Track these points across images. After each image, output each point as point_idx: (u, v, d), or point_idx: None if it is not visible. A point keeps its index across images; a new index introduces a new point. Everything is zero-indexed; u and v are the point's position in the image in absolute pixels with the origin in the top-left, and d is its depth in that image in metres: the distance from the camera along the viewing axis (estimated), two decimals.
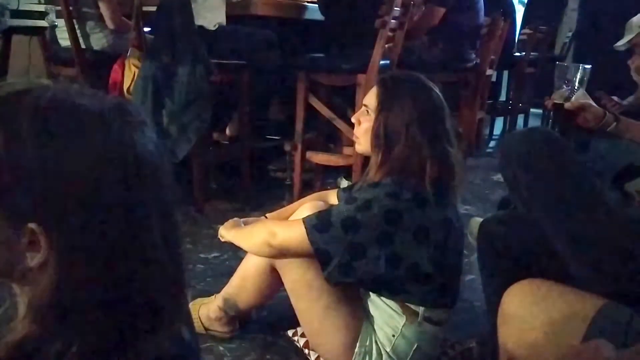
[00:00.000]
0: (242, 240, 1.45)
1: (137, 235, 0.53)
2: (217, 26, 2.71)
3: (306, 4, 3.22)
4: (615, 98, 2.66)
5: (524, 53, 4.77)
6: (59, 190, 0.50)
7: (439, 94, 1.37)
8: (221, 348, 1.57)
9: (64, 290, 0.51)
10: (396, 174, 1.31)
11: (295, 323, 1.48)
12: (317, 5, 3.08)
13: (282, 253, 1.34)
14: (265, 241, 1.33)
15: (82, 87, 0.56)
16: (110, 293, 0.52)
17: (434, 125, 1.32)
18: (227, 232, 1.51)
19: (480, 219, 1.64)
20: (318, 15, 3.08)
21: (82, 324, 0.52)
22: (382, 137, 1.33)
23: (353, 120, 1.47)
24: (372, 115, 1.37)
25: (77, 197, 0.51)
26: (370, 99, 1.39)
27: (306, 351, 1.52)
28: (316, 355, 1.48)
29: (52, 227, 0.51)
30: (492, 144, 4.89)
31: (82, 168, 0.51)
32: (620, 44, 2.80)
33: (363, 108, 1.42)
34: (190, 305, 1.64)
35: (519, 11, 5.43)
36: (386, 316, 1.33)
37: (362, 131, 1.41)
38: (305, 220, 1.29)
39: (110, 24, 2.71)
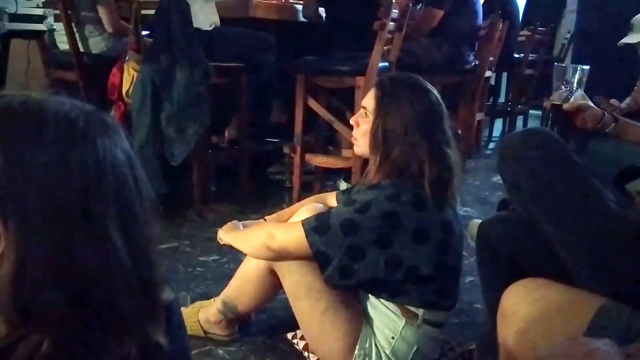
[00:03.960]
0: (241, 243, 1.45)
1: (92, 236, 0.55)
2: (212, 26, 2.71)
3: None
4: (614, 102, 2.62)
5: (522, 55, 4.78)
6: (19, 188, 0.53)
7: (438, 95, 1.37)
8: (220, 351, 1.57)
9: (23, 285, 0.52)
10: (395, 176, 1.31)
11: (294, 326, 1.47)
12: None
13: (281, 256, 1.34)
14: (264, 244, 1.33)
15: (63, 97, 0.59)
16: (69, 291, 0.54)
17: (432, 127, 1.32)
18: (226, 235, 1.51)
19: (480, 221, 1.64)
20: None
21: (47, 322, 0.53)
22: (381, 139, 1.33)
23: (352, 122, 1.47)
24: (371, 118, 1.37)
25: (36, 196, 0.53)
26: (369, 101, 1.39)
27: (306, 354, 1.51)
28: (316, 358, 1.47)
29: (9, 220, 0.52)
30: (491, 145, 4.89)
31: (42, 169, 0.53)
32: (629, 42, 2.72)
33: (362, 110, 1.42)
34: (190, 308, 1.64)
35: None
36: (386, 318, 1.32)
37: (361, 133, 1.41)
38: (304, 223, 1.29)
39: (108, 28, 2.72)
